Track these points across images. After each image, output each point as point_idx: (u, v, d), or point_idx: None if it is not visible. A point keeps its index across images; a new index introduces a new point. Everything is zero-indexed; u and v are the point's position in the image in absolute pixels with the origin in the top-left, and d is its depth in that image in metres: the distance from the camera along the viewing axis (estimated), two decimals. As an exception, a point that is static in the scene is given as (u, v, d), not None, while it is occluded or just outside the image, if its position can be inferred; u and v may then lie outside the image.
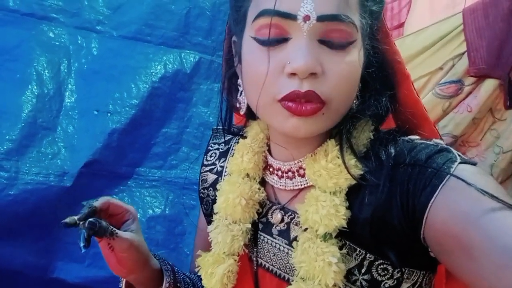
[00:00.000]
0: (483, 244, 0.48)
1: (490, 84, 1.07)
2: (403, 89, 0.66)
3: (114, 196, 1.33)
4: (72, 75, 1.29)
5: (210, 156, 0.81)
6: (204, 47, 1.46)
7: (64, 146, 1.23)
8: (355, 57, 0.57)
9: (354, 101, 0.61)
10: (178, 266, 1.28)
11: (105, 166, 1.28)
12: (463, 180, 0.51)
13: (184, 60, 1.44)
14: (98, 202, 0.67)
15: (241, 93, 0.66)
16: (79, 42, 1.32)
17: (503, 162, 1.09)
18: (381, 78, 0.63)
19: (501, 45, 1.02)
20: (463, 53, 1.12)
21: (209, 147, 0.82)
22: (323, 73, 0.55)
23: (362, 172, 0.59)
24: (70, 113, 1.26)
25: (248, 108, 0.65)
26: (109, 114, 1.29)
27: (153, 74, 1.38)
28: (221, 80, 0.72)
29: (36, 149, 1.19)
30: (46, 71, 1.25)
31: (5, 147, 1.15)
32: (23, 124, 1.18)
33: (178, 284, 0.76)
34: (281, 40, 0.55)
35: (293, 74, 0.54)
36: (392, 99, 0.64)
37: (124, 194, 1.35)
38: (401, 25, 1.44)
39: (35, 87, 1.22)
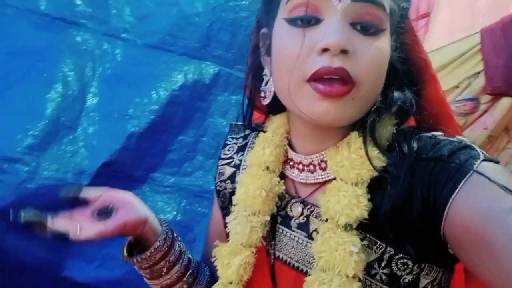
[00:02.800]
0: (505, 242, 0.47)
1: (506, 103, 1.08)
2: (430, 88, 0.67)
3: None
4: (96, 78, 1.33)
5: (228, 150, 0.82)
6: (224, 59, 1.50)
7: (83, 146, 1.26)
8: (385, 45, 0.58)
9: (379, 95, 0.62)
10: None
11: (122, 168, 1.31)
12: (486, 177, 0.51)
13: (204, 71, 1.48)
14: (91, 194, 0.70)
15: (266, 82, 0.67)
16: (105, 48, 1.37)
17: (519, 181, 1.08)
18: (407, 73, 0.64)
19: (518, 64, 1.03)
20: (479, 72, 1.14)
21: (227, 142, 0.83)
22: (354, 53, 0.56)
23: (384, 164, 0.59)
24: (91, 114, 1.30)
25: (270, 103, 0.67)
26: (128, 117, 1.31)
27: (173, 82, 1.42)
28: (245, 73, 0.74)
29: (57, 146, 1.22)
30: (72, 73, 1.29)
31: (27, 142, 1.18)
32: (46, 121, 1.22)
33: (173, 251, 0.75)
34: (314, 19, 0.57)
35: (324, 51, 0.55)
36: (417, 96, 0.65)
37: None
38: (418, 44, 1.47)
39: (60, 88, 1.26)
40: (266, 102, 0.68)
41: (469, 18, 1.35)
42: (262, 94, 0.68)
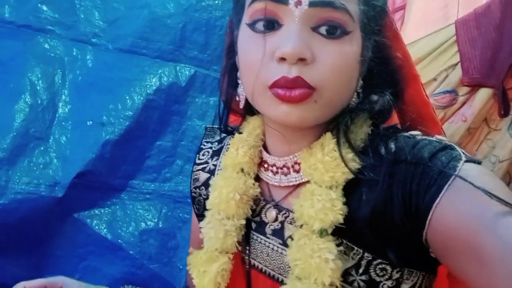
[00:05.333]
0: (496, 249, 0.46)
1: (484, 94, 1.08)
2: (411, 89, 0.65)
3: (107, 208, 1.32)
4: (66, 86, 1.29)
5: (203, 155, 0.80)
6: (199, 61, 1.46)
7: (56, 157, 1.21)
8: (350, 48, 0.56)
9: (354, 99, 0.60)
10: (171, 280, 1.25)
11: (98, 178, 1.27)
12: (470, 183, 0.50)
13: (179, 74, 1.44)
14: None
15: (240, 85, 0.65)
16: (74, 54, 1.32)
17: (500, 172, 1.08)
18: (383, 74, 0.62)
19: (494, 54, 1.02)
20: (456, 64, 1.13)
21: (202, 146, 0.81)
22: (314, 60, 0.54)
23: (359, 166, 0.58)
24: (63, 123, 1.25)
25: (246, 104, 0.65)
26: (102, 125, 1.27)
27: (148, 86, 1.38)
28: (221, 74, 0.72)
29: (28, 159, 1.17)
30: (40, 81, 1.25)
31: (-4, 156, 1.13)
32: (15, 134, 1.16)
33: None
34: (276, 24, 0.55)
35: (282, 59, 0.54)
36: (397, 98, 0.63)
37: (117, 206, 1.33)
38: (394, 38, 1.46)
39: (29, 98, 1.21)
40: (241, 105, 0.67)
41: (443, 10, 1.34)
42: (237, 98, 0.67)
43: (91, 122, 1.29)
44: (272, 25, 0.55)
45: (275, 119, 0.58)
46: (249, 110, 0.69)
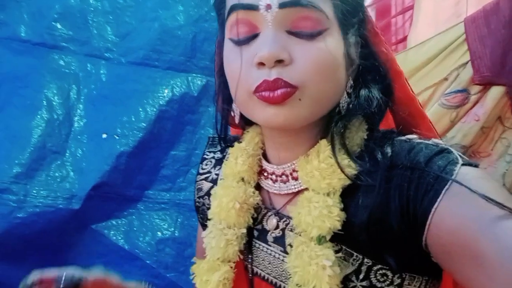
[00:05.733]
0: (496, 254, 0.45)
1: (496, 92, 1.05)
2: (397, 85, 0.64)
3: (123, 219, 1.34)
4: (81, 100, 1.33)
5: (206, 165, 0.80)
6: (211, 70, 1.48)
7: (72, 170, 1.25)
8: (329, 44, 0.56)
9: (344, 98, 0.60)
10: (188, 288, 1.25)
11: (113, 189, 1.29)
12: (466, 187, 0.49)
13: (191, 84, 1.46)
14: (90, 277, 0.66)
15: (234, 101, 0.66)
16: (88, 69, 1.36)
17: (516, 172, 1.05)
18: (371, 70, 0.62)
19: (504, 52, 1.00)
20: (467, 63, 1.10)
21: (205, 156, 0.82)
22: (292, 61, 0.55)
23: (356, 172, 0.57)
24: (79, 137, 1.28)
25: (243, 117, 0.65)
26: (116, 137, 1.30)
27: (161, 97, 1.40)
28: (215, 93, 0.73)
29: (45, 173, 1.21)
30: (56, 97, 1.29)
31: (14, 171, 1.17)
32: (32, 149, 1.20)
33: None
34: (251, 37, 0.56)
35: (261, 64, 0.55)
36: (387, 95, 0.63)
37: (134, 217, 1.35)
38: (404, 38, 1.44)
39: (45, 113, 1.25)
40: (236, 120, 0.68)
41: (453, 8, 1.32)
42: (232, 113, 0.68)
43: (106, 135, 1.31)
44: (251, 37, 0.56)
45: (264, 123, 0.59)
46: (248, 121, 0.70)
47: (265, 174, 0.67)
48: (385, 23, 1.48)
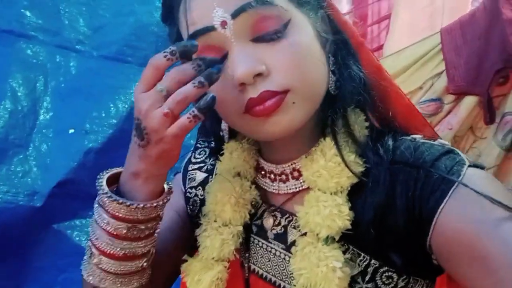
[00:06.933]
0: (501, 255, 0.46)
1: (469, 102, 1.07)
2: (362, 55, 0.63)
3: (88, 219, 1.28)
4: (48, 93, 1.27)
5: (199, 154, 0.77)
6: (185, 69, 1.45)
7: (36, 165, 1.18)
8: (298, 36, 0.54)
9: (330, 76, 0.58)
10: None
11: (79, 187, 1.23)
12: (472, 189, 0.49)
13: (165, 82, 1.43)
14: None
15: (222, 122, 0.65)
16: (58, 60, 1.30)
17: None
18: (342, 46, 0.60)
19: (479, 62, 1.02)
20: (441, 72, 1.12)
21: (198, 145, 0.78)
22: (270, 68, 0.53)
23: (363, 169, 0.57)
24: (44, 131, 1.23)
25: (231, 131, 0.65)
26: (85, 132, 1.25)
27: (133, 94, 1.35)
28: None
29: (6, 167, 1.15)
30: (22, 87, 1.22)
31: (-27, 164, 1.10)
32: (-7, 140, 1.14)
33: None
34: (222, 59, 0.54)
35: (242, 85, 0.52)
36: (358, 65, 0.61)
37: (99, 216, 1.30)
38: (380, 47, 1.46)
39: (9, 103, 1.19)
40: (226, 140, 0.67)
41: (428, 19, 1.35)
42: (221, 133, 0.67)
43: (73, 130, 1.26)
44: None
45: (266, 137, 0.56)
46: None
47: (262, 172, 0.65)
48: (361, 32, 1.49)
